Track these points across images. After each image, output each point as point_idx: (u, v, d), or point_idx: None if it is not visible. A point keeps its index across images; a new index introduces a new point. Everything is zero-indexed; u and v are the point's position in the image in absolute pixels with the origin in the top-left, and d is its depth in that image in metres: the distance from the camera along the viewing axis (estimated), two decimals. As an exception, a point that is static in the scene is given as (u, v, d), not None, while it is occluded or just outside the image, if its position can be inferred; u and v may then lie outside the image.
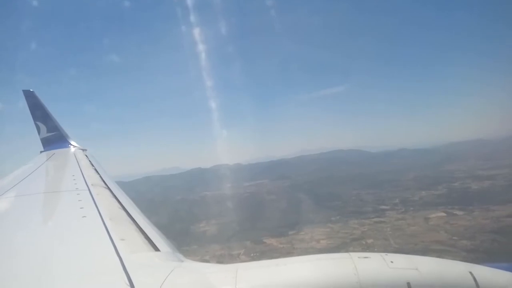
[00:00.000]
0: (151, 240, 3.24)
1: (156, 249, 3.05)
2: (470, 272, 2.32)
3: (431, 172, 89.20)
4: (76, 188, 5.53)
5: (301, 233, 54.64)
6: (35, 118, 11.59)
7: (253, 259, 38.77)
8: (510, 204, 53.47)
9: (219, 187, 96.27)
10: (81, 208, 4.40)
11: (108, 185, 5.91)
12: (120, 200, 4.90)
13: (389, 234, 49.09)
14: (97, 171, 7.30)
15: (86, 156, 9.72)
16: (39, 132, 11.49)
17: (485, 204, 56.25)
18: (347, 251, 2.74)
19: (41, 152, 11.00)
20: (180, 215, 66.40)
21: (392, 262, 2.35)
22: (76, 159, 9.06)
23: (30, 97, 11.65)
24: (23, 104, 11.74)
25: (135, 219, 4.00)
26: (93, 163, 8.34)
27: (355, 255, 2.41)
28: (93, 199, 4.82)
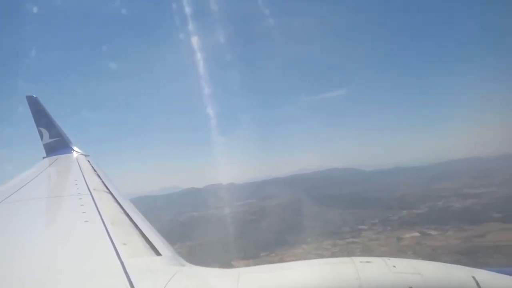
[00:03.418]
0: (153, 245, 3.26)
1: (158, 253, 3.06)
2: (473, 277, 2.29)
3: (419, 191, 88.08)
4: (79, 193, 5.56)
5: (272, 254, 54.20)
6: (38, 124, 11.55)
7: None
8: (484, 223, 52.81)
9: (207, 207, 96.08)
10: (83, 212, 4.41)
11: (110, 190, 5.97)
12: (122, 205, 4.95)
13: (357, 255, 48.21)
14: (99, 176, 7.37)
15: (89, 161, 9.78)
16: (41, 138, 11.43)
17: (461, 223, 55.39)
18: None
19: (43, 158, 10.99)
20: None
21: (394, 266, 2.33)
22: (79, 164, 9.10)
23: (33, 103, 11.65)
24: (25, 109, 11.72)
25: (137, 223, 4.03)
26: (95, 169, 8.43)
27: (357, 260, 2.41)
28: (95, 203, 4.84)
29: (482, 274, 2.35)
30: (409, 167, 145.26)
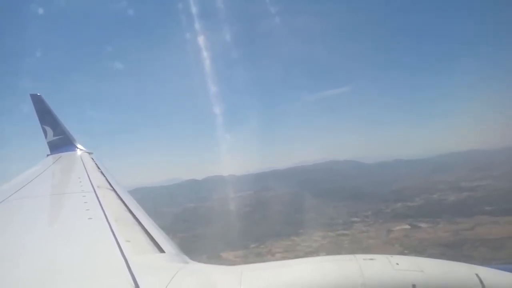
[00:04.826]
0: (156, 242, 3.28)
1: (161, 250, 3.08)
2: (476, 274, 2.28)
3: (417, 184, 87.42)
4: (82, 190, 5.61)
5: (261, 246, 54.44)
6: (42, 122, 11.69)
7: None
8: (476, 216, 52.49)
9: (205, 199, 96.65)
10: (87, 210, 4.46)
11: (114, 187, 6.02)
12: (126, 202, 5.00)
13: (345, 247, 48.44)
14: (103, 174, 7.45)
15: (92, 159, 9.92)
16: (45, 136, 11.58)
17: (453, 216, 55.09)
18: None
19: (47, 155, 11.14)
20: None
21: (397, 264, 2.32)
22: (82, 162, 9.22)
23: (38, 101, 11.78)
24: (29, 107, 11.90)
25: (140, 220, 4.05)
26: (99, 166, 8.52)
27: (360, 257, 2.39)
28: (99, 201, 4.89)
29: (486, 272, 2.33)
30: (410, 159, 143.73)
